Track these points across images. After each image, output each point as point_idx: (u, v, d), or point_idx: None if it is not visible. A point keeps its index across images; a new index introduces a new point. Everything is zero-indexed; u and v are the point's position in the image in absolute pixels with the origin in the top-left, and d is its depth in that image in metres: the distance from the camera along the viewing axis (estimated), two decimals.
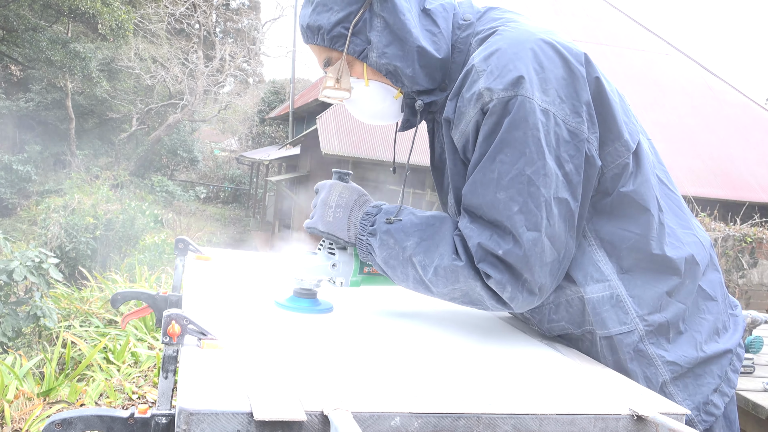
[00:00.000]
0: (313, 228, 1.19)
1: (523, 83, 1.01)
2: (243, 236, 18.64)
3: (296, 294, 1.19)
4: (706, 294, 1.16)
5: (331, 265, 1.21)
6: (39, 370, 4.15)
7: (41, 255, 4.74)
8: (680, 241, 1.13)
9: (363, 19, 1.14)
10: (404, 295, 1.44)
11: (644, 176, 1.11)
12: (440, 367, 0.95)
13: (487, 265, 1.04)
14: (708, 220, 7.83)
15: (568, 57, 1.05)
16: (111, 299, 1.52)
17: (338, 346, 1.00)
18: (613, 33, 14.98)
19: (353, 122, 11.53)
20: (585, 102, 1.05)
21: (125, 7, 15.37)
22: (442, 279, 1.08)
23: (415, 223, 1.12)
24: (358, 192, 1.21)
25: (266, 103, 28.71)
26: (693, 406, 1.10)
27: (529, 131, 1.00)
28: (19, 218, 14.52)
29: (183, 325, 0.84)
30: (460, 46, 1.18)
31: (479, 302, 1.09)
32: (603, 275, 1.10)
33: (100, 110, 21.27)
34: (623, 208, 1.10)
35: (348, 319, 1.18)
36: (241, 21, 26.87)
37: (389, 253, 1.12)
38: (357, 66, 1.19)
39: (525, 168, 1.01)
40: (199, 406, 0.66)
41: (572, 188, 1.04)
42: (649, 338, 1.10)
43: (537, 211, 1.01)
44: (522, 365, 1.03)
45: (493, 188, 1.03)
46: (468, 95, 1.06)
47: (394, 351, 1.01)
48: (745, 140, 13.58)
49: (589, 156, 1.06)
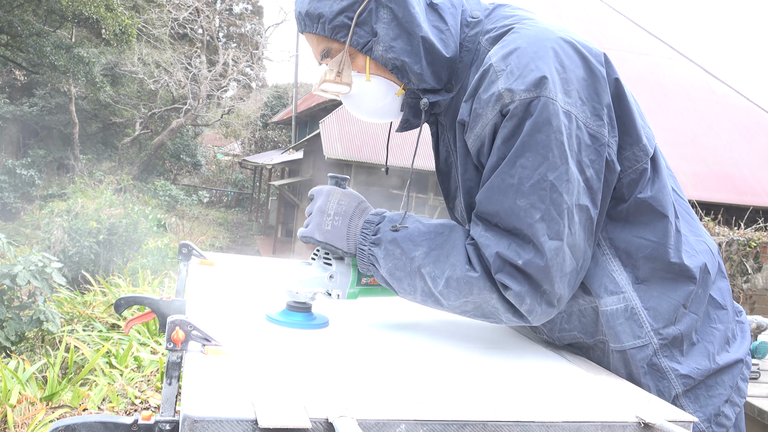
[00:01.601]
0: (309, 238, 1.11)
1: (546, 84, 0.96)
2: (246, 240, 18.64)
3: (289, 308, 1.11)
4: (717, 303, 1.13)
5: (327, 276, 1.12)
6: (42, 375, 4.15)
7: (44, 259, 4.75)
8: (694, 249, 1.10)
9: (368, 9, 1.06)
10: (403, 305, 1.43)
11: (662, 182, 1.07)
12: (446, 375, 0.94)
13: (505, 275, 0.98)
14: (712, 225, 7.81)
15: (588, 57, 1.01)
16: (114, 304, 1.51)
17: (343, 353, 0.99)
18: (616, 37, 14.97)
19: (356, 126, 11.54)
20: (606, 104, 1.01)
21: (129, 12, 15.41)
22: (454, 291, 1.02)
23: (423, 231, 1.06)
24: (357, 199, 1.14)
25: (269, 108, 28.77)
26: (704, 417, 1.07)
27: (552, 134, 0.95)
28: (23, 222, 14.54)
29: (187, 331, 0.83)
30: (468, 44, 1.12)
31: (493, 315, 1.04)
32: (618, 286, 1.06)
33: (104, 115, 21.34)
34: (640, 215, 1.06)
35: (351, 329, 1.17)
36: (244, 26, 26.92)
37: (395, 264, 1.05)
38: (359, 59, 1.11)
39: (548, 173, 0.96)
40: (203, 413, 0.66)
41: (592, 194, 1.00)
42: (663, 351, 1.06)
43: (559, 218, 0.96)
44: (528, 372, 1.02)
45: (513, 194, 0.97)
46: (486, 96, 1.00)
47: (399, 358, 1.00)
48: (748, 144, 13.55)
49: (609, 161, 1.01)
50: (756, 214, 10.07)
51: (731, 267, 7.34)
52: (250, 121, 28.13)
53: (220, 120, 23.69)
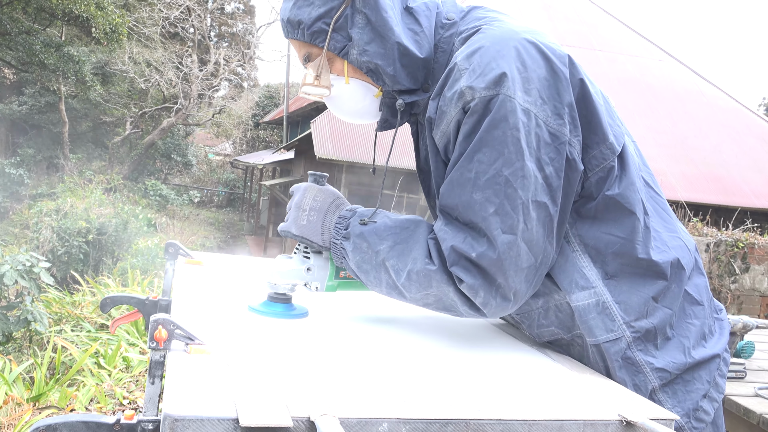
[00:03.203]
0: (287, 232, 1.16)
1: (505, 82, 0.98)
2: (237, 240, 18.59)
3: (270, 299, 1.16)
4: (693, 298, 1.15)
5: (305, 269, 1.18)
6: (29, 375, 4.12)
7: (32, 259, 4.71)
8: (666, 245, 1.12)
9: (344, 15, 1.12)
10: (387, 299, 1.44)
11: (630, 179, 1.09)
12: (429, 373, 0.95)
13: (459, 268, 1.01)
14: (700, 226, 7.86)
15: (551, 57, 1.03)
16: (100, 303, 1.51)
17: (326, 351, 0.99)
18: (607, 38, 15.05)
19: (347, 127, 11.53)
20: (567, 104, 1.02)
21: (119, 10, 15.32)
22: (415, 284, 1.05)
23: (389, 226, 1.09)
24: (333, 195, 1.18)
25: (261, 107, 28.74)
26: (683, 412, 1.09)
27: (508, 131, 0.98)
28: (12, 222, 14.44)
29: (170, 330, 0.83)
30: (443, 45, 1.16)
31: (452, 308, 1.07)
32: (588, 282, 1.08)
33: (94, 114, 21.22)
34: (608, 212, 1.08)
35: (334, 324, 1.17)
36: (235, 25, 26.85)
37: (362, 257, 1.09)
38: (337, 63, 1.16)
39: (503, 168, 0.98)
40: (185, 412, 0.66)
41: (552, 192, 1.02)
42: (637, 345, 1.08)
43: (513, 213, 0.99)
44: (511, 371, 1.02)
45: (470, 188, 1.00)
46: (449, 94, 1.04)
47: (382, 356, 1.00)
48: (737, 146, 13.65)
49: (570, 159, 1.03)
50: (744, 215, 10.15)
51: (719, 267, 7.40)
52: (241, 120, 28.08)
53: (211, 119, 23.62)
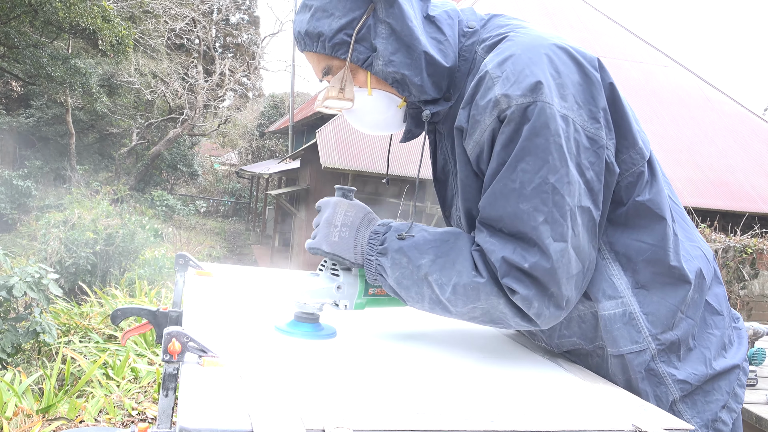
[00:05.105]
0: (317, 249, 1.12)
1: (541, 89, 0.97)
2: (243, 250, 18.61)
3: (297, 318, 1.12)
4: (713, 308, 1.14)
5: (335, 287, 1.13)
6: (38, 387, 4.12)
7: (41, 270, 4.73)
8: (689, 254, 1.11)
9: (367, 25, 1.09)
10: (400, 314, 1.44)
11: (659, 185, 1.09)
12: (443, 385, 0.94)
13: (511, 279, 0.99)
14: (708, 231, 7.82)
15: (582, 62, 1.03)
16: (111, 315, 1.51)
17: (340, 363, 0.99)
18: (611, 45, 15.05)
19: (353, 135, 11.56)
20: (602, 107, 1.02)
21: (126, 23, 15.43)
22: (462, 297, 1.02)
23: (429, 239, 1.06)
24: (364, 210, 1.15)
25: (266, 117, 28.85)
26: (701, 423, 1.07)
27: (551, 138, 0.97)
28: (19, 233, 14.51)
29: (183, 343, 0.84)
30: (465, 54, 1.14)
31: (501, 320, 1.04)
32: (617, 291, 1.06)
33: (101, 125, 21.36)
34: (639, 219, 1.07)
35: (349, 338, 1.17)
36: (240, 36, 27.01)
37: (402, 273, 1.06)
38: (360, 74, 1.14)
39: (548, 176, 0.97)
40: (199, 425, 0.66)
41: (594, 196, 1.01)
42: (661, 357, 1.06)
43: (563, 220, 0.97)
44: (524, 381, 1.02)
45: (515, 199, 0.98)
46: (483, 103, 1.01)
47: (396, 369, 1.00)
48: (743, 150, 13.61)
49: (608, 163, 1.03)
50: (752, 220, 10.09)
51: (728, 273, 7.35)
52: (246, 130, 28.20)
53: (216, 130, 23.73)
